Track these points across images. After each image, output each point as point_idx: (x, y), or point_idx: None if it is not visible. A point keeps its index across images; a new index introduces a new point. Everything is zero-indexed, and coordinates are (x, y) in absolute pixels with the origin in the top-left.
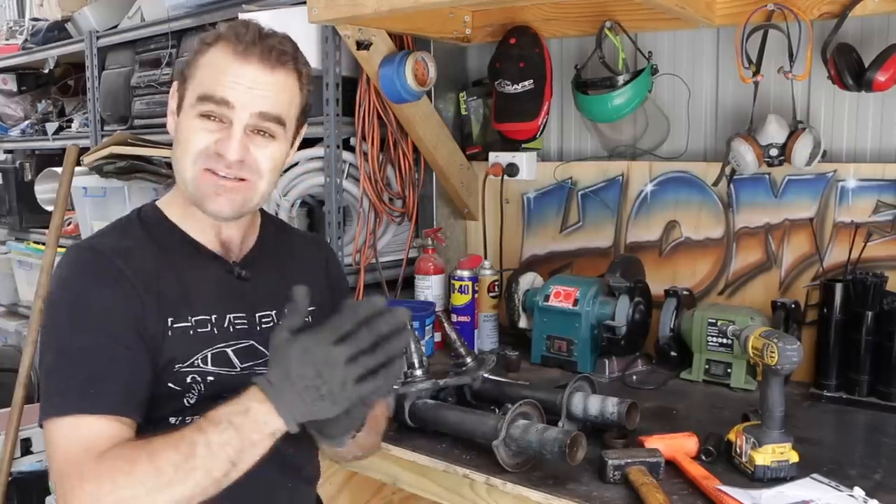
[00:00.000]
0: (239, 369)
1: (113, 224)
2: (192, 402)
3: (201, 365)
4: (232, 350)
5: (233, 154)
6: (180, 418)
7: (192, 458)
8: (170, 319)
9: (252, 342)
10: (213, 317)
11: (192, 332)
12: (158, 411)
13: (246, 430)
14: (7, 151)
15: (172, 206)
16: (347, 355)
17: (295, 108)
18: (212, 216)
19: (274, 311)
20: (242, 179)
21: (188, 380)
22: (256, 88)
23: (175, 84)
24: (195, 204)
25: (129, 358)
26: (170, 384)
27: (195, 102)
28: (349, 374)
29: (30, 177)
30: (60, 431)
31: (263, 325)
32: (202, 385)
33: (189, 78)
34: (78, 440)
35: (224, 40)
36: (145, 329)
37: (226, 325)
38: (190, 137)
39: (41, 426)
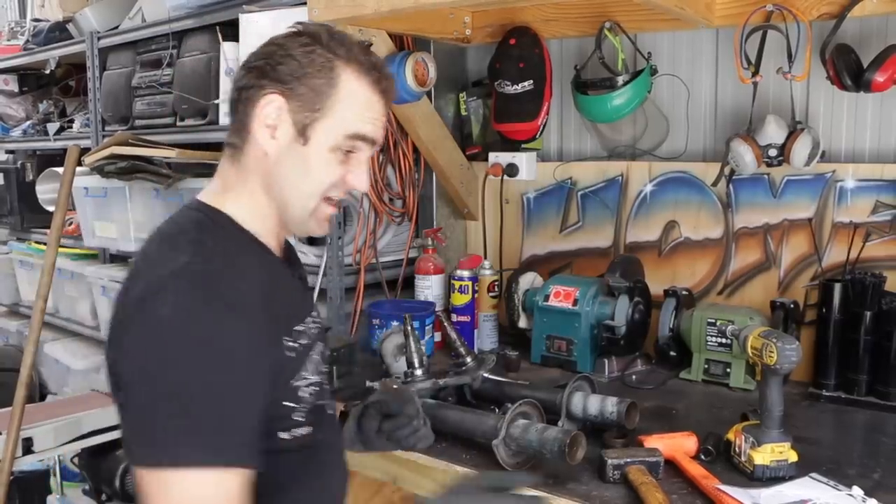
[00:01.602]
0: (322, 373)
1: (192, 233)
2: (301, 415)
3: (307, 375)
4: (318, 354)
5: (365, 187)
6: (290, 434)
7: None
8: (285, 339)
9: (320, 343)
10: (303, 325)
11: (298, 344)
12: (270, 426)
13: None
14: (8, 152)
15: (236, 209)
16: None
17: None
18: (308, 234)
19: (314, 311)
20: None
21: (300, 393)
22: (384, 123)
23: (278, 98)
24: (296, 228)
25: (256, 398)
26: (284, 402)
27: (342, 138)
28: None
29: (31, 177)
30: (183, 485)
31: (317, 324)
32: (309, 397)
33: (325, 107)
34: (207, 498)
35: (363, 70)
36: (267, 356)
37: (310, 330)
38: (324, 171)
39: (130, 468)
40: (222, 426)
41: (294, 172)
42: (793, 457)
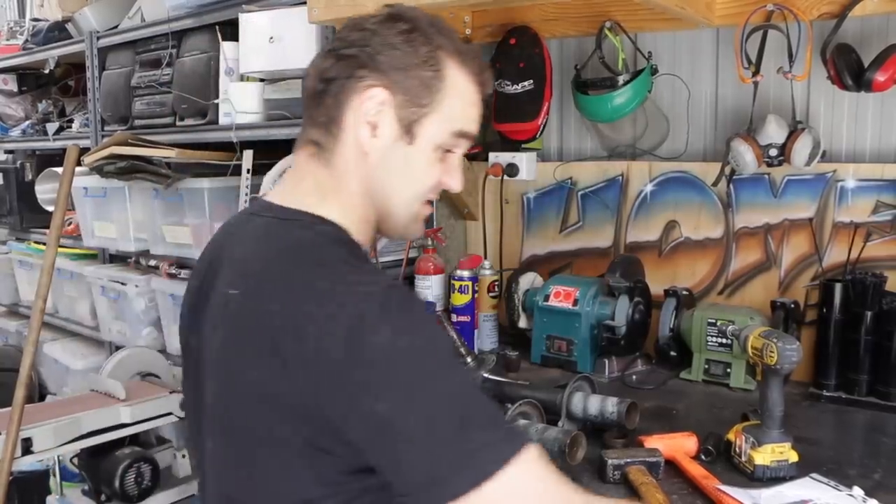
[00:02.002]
0: None
1: (335, 251)
2: None
3: None
4: None
5: (461, 188)
6: None
7: None
8: None
9: None
10: None
11: None
12: None
13: None
14: (8, 152)
15: (341, 217)
16: None
17: None
18: (411, 238)
19: None
20: None
21: None
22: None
23: (384, 93)
24: (393, 231)
25: None
26: None
27: (448, 136)
28: None
29: (30, 177)
30: (520, 474)
31: None
32: None
33: (434, 102)
34: (546, 472)
35: (467, 62)
36: None
37: None
38: (427, 171)
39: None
40: (500, 418)
41: (399, 174)
42: (793, 457)
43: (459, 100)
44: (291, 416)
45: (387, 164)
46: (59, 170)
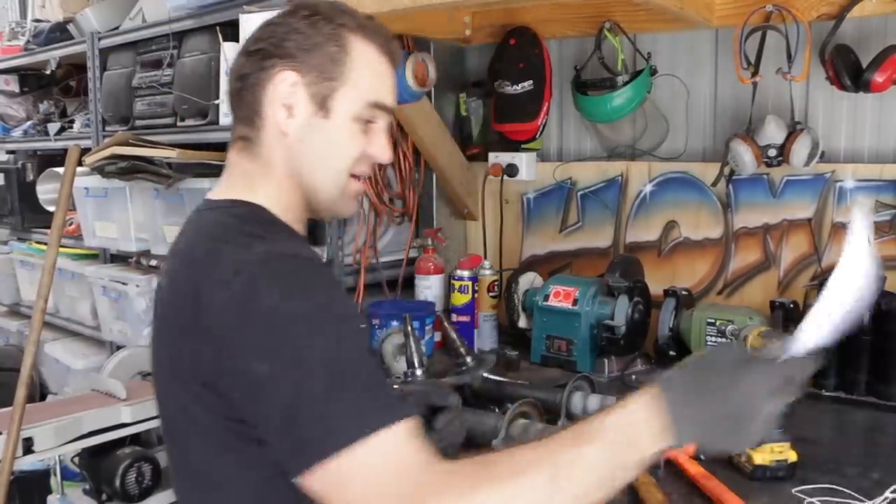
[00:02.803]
0: None
1: (246, 226)
2: None
3: None
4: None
5: (389, 159)
6: None
7: (556, 483)
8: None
9: None
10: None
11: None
12: None
13: (625, 451)
14: (9, 152)
15: (269, 203)
16: (776, 387)
17: None
18: (343, 217)
19: None
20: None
21: None
22: (395, 88)
23: (292, 74)
24: (328, 209)
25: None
26: None
27: (362, 108)
28: (771, 406)
29: (32, 177)
30: (384, 447)
31: None
32: None
33: (342, 74)
34: (412, 451)
35: (371, 35)
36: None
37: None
38: (349, 143)
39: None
40: (383, 385)
41: (319, 149)
42: (792, 456)
43: (368, 71)
44: (197, 388)
45: (307, 141)
46: (61, 170)
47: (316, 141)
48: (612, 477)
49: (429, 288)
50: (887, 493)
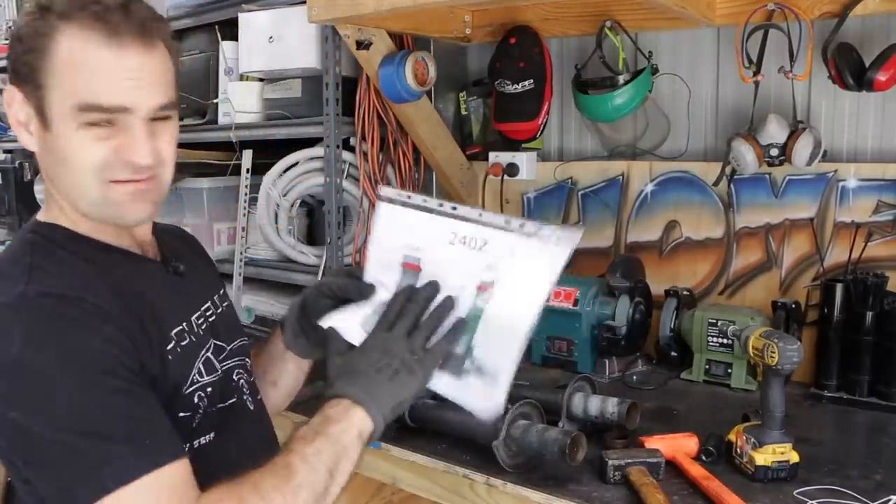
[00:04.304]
0: (219, 371)
1: (28, 257)
2: (197, 422)
3: (198, 379)
4: (210, 353)
5: (145, 159)
6: (188, 445)
7: (293, 477)
8: (161, 344)
9: (213, 339)
10: (184, 324)
11: (179, 349)
12: None
13: (333, 433)
14: (6, 151)
15: (72, 219)
16: (405, 329)
17: (175, 77)
18: (131, 224)
19: (210, 303)
20: (152, 176)
21: (195, 400)
22: (144, 79)
23: (14, 90)
24: (106, 220)
25: (151, 397)
26: (180, 413)
27: (73, 113)
28: (415, 343)
29: (29, 177)
30: (135, 498)
31: (210, 319)
32: (205, 399)
33: (46, 84)
34: (164, 498)
35: (83, 20)
36: (144, 364)
37: (195, 329)
38: (80, 154)
39: None
40: (137, 429)
41: (57, 164)
42: (794, 458)
43: (73, 69)
44: None
45: (47, 157)
46: None
47: (51, 157)
48: (335, 460)
49: None
50: (892, 497)
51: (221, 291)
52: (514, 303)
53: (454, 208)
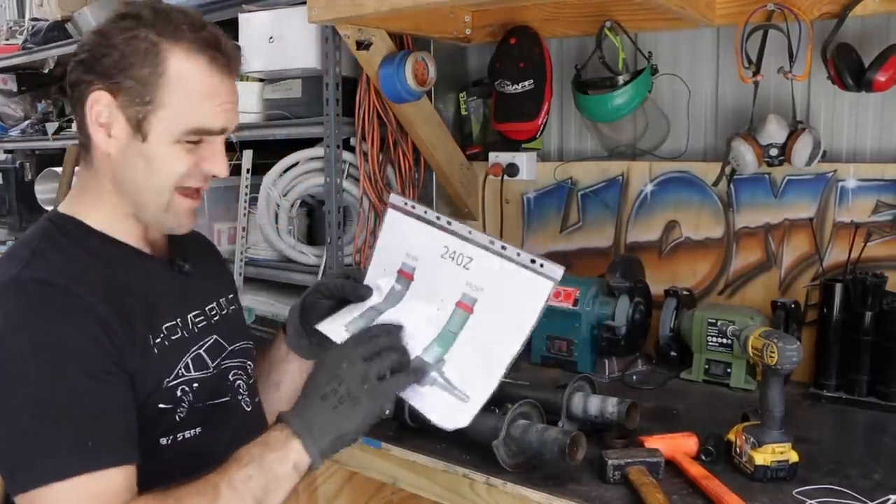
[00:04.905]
0: (212, 369)
1: (35, 243)
2: (182, 415)
3: (185, 373)
4: (203, 350)
5: (225, 172)
6: (171, 437)
7: (216, 501)
8: (148, 337)
9: (215, 337)
10: (178, 320)
11: (167, 342)
12: (148, 434)
13: (267, 461)
14: (7, 151)
15: (91, 213)
16: (366, 353)
17: None
18: (180, 234)
19: (215, 303)
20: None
21: (178, 393)
22: (233, 104)
23: (104, 94)
24: (151, 225)
25: (118, 396)
26: (160, 404)
27: (180, 133)
28: (371, 370)
29: (30, 177)
30: (63, 497)
31: (213, 319)
32: (190, 395)
33: (156, 98)
34: (90, 501)
35: (195, 49)
36: (124, 357)
37: (191, 326)
38: (170, 164)
39: (12, 494)
40: (84, 429)
41: (139, 171)
42: (794, 457)
43: (186, 93)
44: None
45: (127, 162)
46: (59, 169)
47: (136, 163)
48: (265, 488)
49: None
50: (891, 497)
51: (231, 295)
52: (496, 328)
53: (449, 223)
